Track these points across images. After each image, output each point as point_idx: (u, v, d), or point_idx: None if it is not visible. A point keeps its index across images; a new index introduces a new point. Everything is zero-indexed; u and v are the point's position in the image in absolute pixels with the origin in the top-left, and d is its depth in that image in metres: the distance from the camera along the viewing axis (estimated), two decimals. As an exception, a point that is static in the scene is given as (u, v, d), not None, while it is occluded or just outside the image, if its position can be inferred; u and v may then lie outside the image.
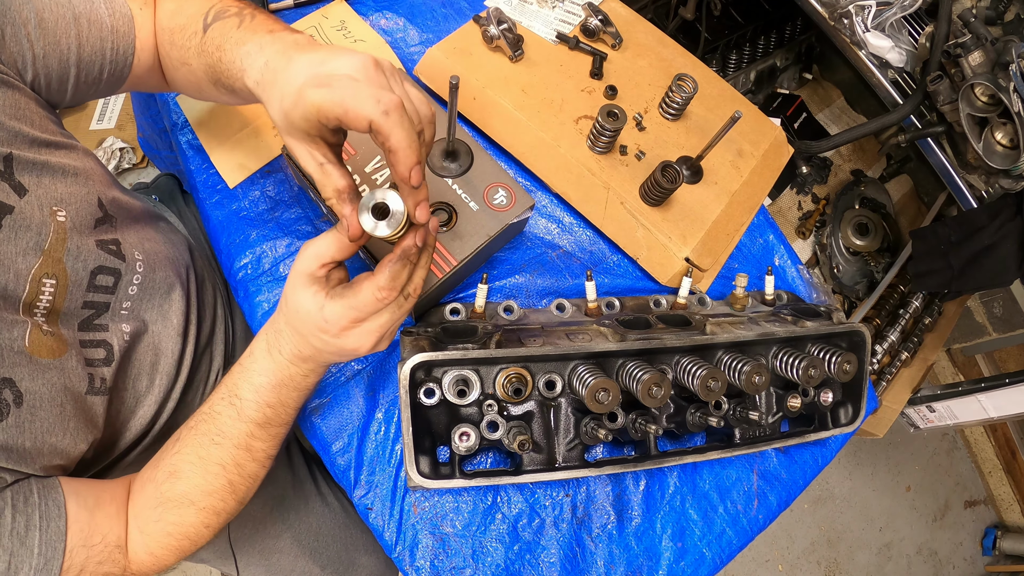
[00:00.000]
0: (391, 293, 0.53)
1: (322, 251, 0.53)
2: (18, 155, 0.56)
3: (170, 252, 0.79)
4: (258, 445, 0.63)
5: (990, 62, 1.08)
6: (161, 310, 0.74)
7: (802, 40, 1.79)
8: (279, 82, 0.51)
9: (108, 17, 0.63)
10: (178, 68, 0.66)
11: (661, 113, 0.92)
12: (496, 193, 0.76)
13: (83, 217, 0.62)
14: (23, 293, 0.56)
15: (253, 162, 0.86)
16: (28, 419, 0.53)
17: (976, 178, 1.28)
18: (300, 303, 0.55)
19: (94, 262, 0.63)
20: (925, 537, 2.15)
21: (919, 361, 1.65)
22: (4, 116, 0.55)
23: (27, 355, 0.55)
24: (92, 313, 0.64)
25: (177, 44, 0.64)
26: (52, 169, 0.59)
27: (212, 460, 0.61)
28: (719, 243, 0.89)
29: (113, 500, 0.61)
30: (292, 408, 0.65)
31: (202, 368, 0.84)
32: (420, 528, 0.74)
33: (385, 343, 0.59)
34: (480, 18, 0.91)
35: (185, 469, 0.61)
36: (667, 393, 0.65)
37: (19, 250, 0.55)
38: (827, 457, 0.90)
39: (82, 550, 0.55)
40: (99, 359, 0.64)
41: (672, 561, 0.79)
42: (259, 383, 0.61)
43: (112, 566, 0.58)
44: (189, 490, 0.61)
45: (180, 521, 0.61)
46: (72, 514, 0.55)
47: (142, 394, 0.72)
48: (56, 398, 0.56)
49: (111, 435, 0.69)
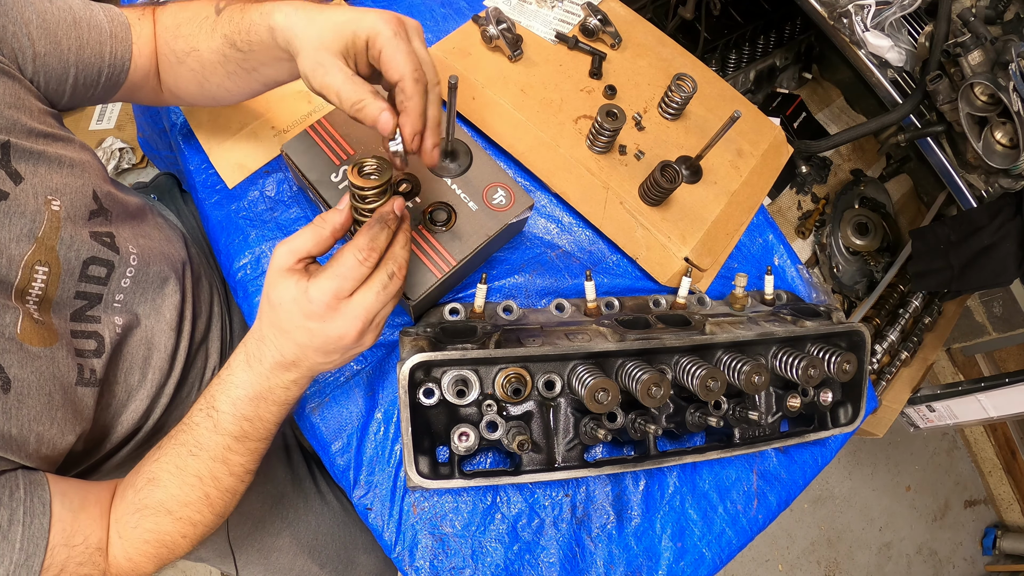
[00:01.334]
0: (372, 254, 0.53)
1: (298, 246, 0.54)
2: (15, 143, 0.57)
3: (165, 248, 0.79)
4: (235, 459, 0.62)
5: (989, 61, 1.08)
6: (154, 304, 0.74)
7: (801, 40, 1.79)
8: (329, 8, 0.56)
9: (107, 23, 0.65)
10: (182, 61, 0.68)
11: (660, 113, 0.92)
12: (495, 193, 0.76)
13: (77, 208, 0.63)
14: (15, 279, 0.56)
15: (252, 162, 0.86)
16: (15, 406, 0.54)
17: (976, 177, 1.28)
18: (282, 295, 0.54)
19: (87, 252, 0.64)
20: (925, 537, 2.15)
21: (919, 361, 1.65)
22: (2, 105, 0.56)
23: (18, 342, 0.55)
24: (84, 304, 0.65)
25: (183, 35, 0.66)
26: (48, 159, 0.60)
27: (189, 471, 0.60)
28: (718, 243, 0.89)
29: (98, 503, 0.61)
30: (271, 423, 0.63)
31: (197, 364, 0.83)
32: (419, 528, 0.74)
33: (371, 336, 0.57)
34: (479, 18, 0.91)
35: (163, 478, 0.60)
36: (666, 393, 0.65)
37: (12, 236, 0.56)
38: (827, 457, 0.90)
39: (63, 549, 0.55)
40: (90, 350, 0.64)
41: (672, 561, 0.79)
42: (237, 395, 0.59)
43: (92, 568, 0.58)
44: (166, 499, 0.60)
45: (157, 529, 0.61)
46: (56, 513, 0.55)
47: (134, 388, 0.72)
48: (45, 387, 0.56)
49: (101, 428, 0.69)
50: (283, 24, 0.57)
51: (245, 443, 0.61)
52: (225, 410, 0.59)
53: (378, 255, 0.54)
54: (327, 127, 0.76)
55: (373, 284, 0.54)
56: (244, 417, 0.60)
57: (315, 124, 0.76)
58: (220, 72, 0.67)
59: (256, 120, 0.87)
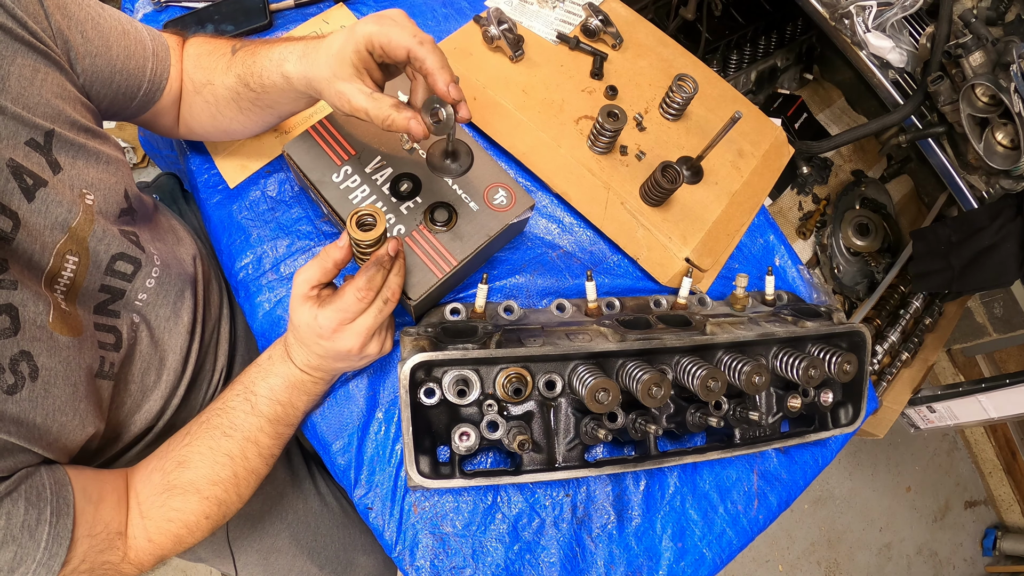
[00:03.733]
0: (369, 293, 0.62)
1: (310, 276, 0.63)
2: (59, 133, 0.58)
3: (180, 250, 0.81)
4: (265, 441, 0.69)
5: (991, 62, 1.08)
6: (175, 307, 0.75)
7: (803, 40, 1.79)
8: (325, 42, 0.62)
9: (150, 42, 0.69)
10: (199, 92, 0.72)
11: (661, 113, 0.92)
12: (496, 193, 0.76)
13: (109, 204, 0.65)
14: (47, 265, 0.57)
15: (254, 162, 0.86)
16: (42, 395, 0.54)
17: (977, 179, 1.28)
18: (300, 319, 0.64)
19: (116, 248, 0.65)
20: (925, 537, 2.15)
21: (919, 361, 1.65)
22: (50, 94, 0.57)
23: (48, 331, 0.56)
24: (108, 298, 0.66)
25: (203, 66, 0.71)
26: (87, 153, 0.62)
27: (221, 451, 0.66)
28: (719, 243, 0.89)
29: (115, 490, 0.62)
30: (300, 411, 0.72)
31: (206, 367, 0.84)
32: (420, 528, 0.74)
33: (375, 346, 0.68)
34: (480, 18, 0.91)
35: (194, 459, 0.65)
36: (667, 393, 0.65)
37: (48, 224, 0.57)
38: (827, 457, 0.90)
39: (85, 540, 0.57)
40: (109, 344, 0.65)
41: (672, 561, 0.79)
42: (274, 383, 0.69)
43: (112, 553, 0.60)
44: (196, 479, 0.65)
45: (183, 508, 0.64)
46: (79, 508, 0.57)
47: (149, 388, 0.73)
48: (71, 377, 0.57)
49: (116, 427, 0.70)
50: (296, 73, 0.64)
51: (276, 426, 0.69)
52: (263, 394, 0.68)
53: (375, 293, 0.63)
54: (328, 127, 0.76)
55: (371, 311, 0.64)
56: (279, 401, 0.69)
57: (316, 124, 0.76)
58: (233, 108, 0.71)
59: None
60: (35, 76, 0.56)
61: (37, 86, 0.56)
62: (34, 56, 0.56)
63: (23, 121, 0.54)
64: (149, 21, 0.93)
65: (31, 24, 0.55)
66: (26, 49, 0.55)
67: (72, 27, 0.60)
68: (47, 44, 0.57)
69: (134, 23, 0.68)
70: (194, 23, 0.91)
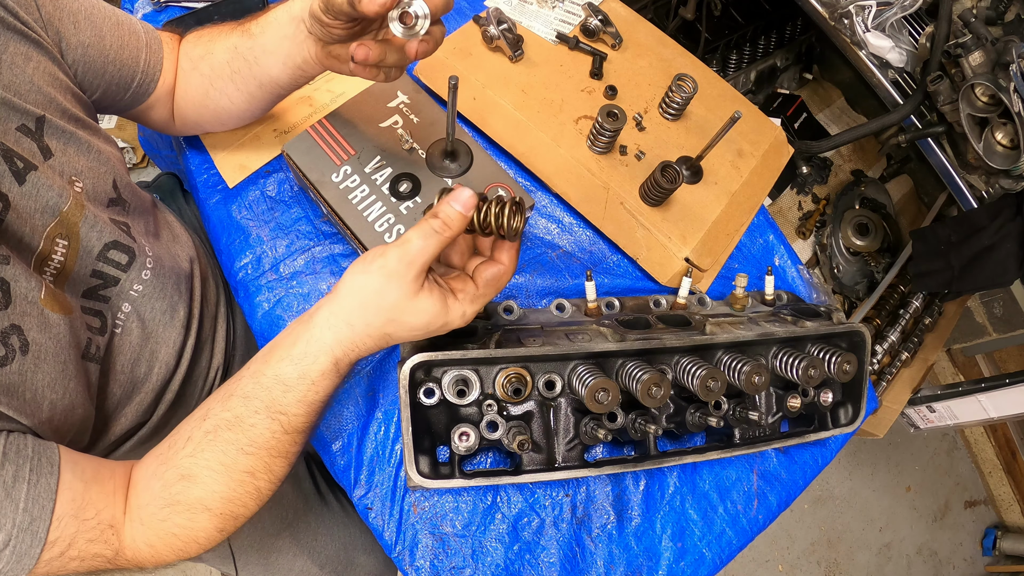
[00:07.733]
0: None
1: (428, 251, 0.55)
2: (50, 119, 0.59)
3: (177, 249, 0.81)
4: (295, 450, 0.62)
5: (990, 62, 1.08)
6: (171, 302, 0.75)
7: (802, 40, 1.79)
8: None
9: (143, 34, 0.70)
10: (196, 66, 0.72)
11: (661, 113, 0.92)
12: (496, 193, 0.76)
13: (98, 193, 0.65)
14: (37, 247, 0.58)
15: (253, 162, 0.86)
16: (31, 369, 0.54)
17: (976, 178, 1.28)
18: (423, 306, 0.56)
19: (109, 236, 0.65)
20: (925, 537, 2.15)
21: (919, 361, 1.65)
22: (42, 82, 0.58)
23: (39, 307, 0.55)
24: (99, 283, 0.66)
25: (203, 41, 0.72)
26: (78, 141, 0.62)
27: (239, 468, 0.58)
28: (719, 243, 0.89)
29: (112, 478, 0.58)
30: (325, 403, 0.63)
31: (201, 363, 0.84)
32: (420, 528, 0.74)
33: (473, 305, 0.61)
34: (480, 18, 0.91)
35: (202, 475, 0.58)
36: (667, 393, 0.65)
37: (38, 207, 0.57)
38: (827, 457, 0.90)
39: (72, 521, 0.53)
40: (95, 327, 0.65)
41: (672, 561, 0.79)
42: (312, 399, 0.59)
43: (103, 546, 0.56)
44: (205, 496, 0.58)
45: (190, 526, 0.59)
46: (66, 480, 0.53)
47: (140, 380, 0.73)
48: (60, 354, 0.57)
49: (106, 417, 0.69)
50: None
51: (307, 434, 0.62)
52: (297, 412, 0.59)
53: None
54: (328, 127, 0.76)
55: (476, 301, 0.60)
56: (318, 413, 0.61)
57: (316, 124, 0.76)
58: (227, 80, 0.71)
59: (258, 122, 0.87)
60: (27, 64, 0.57)
61: (29, 73, 0.57)
62: (26, 44, 0.56)
63: (14, 107, 0.55)
64: (149, 21, 0.92)
65: (22, 14, 0.56)
66: (17, 37, 0.56)
67: (63, 17, 0.60)
68: (38, 33, 0.58)
69: (128, 16, 0.69)
70: (194, 23, 0.91)
